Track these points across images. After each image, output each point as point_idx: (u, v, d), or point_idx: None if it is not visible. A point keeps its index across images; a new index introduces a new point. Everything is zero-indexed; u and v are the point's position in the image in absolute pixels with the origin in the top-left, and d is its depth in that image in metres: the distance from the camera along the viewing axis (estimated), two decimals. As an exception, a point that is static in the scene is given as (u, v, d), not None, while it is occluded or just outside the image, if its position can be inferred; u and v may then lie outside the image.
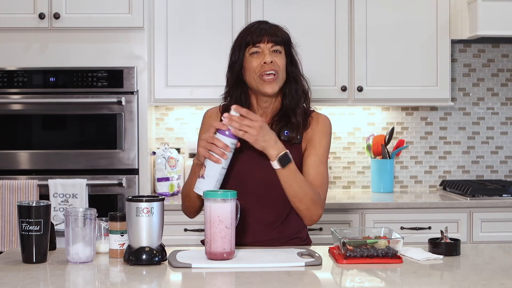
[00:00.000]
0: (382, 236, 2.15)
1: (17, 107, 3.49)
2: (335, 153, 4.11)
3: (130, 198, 2.03)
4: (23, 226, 2.02)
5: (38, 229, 2.02)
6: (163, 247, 2.06)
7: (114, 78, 3.48)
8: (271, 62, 2.31)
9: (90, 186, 3.44)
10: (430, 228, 3.53)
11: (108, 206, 3.43)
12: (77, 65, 3.49)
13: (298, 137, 2.37)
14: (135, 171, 3.50)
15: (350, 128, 4.12)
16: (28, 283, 1.83)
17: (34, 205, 2.03)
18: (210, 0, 3.74)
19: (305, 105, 2.42)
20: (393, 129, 3.99)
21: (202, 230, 3.37)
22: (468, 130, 4.18)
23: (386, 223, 3.40)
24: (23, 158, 3.48)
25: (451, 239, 2.17)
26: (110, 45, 3.51)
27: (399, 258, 2.06)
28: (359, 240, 2.08)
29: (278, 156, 2.19)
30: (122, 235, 2.10)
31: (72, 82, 3.48)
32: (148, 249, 2.01)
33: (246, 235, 2.34)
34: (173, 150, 3.86)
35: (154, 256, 2.01)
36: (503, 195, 3.64)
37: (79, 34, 3.50)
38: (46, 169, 3.47)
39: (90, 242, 2.04)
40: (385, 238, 2.10)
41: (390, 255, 2.05)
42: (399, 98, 3.85)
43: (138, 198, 2.02)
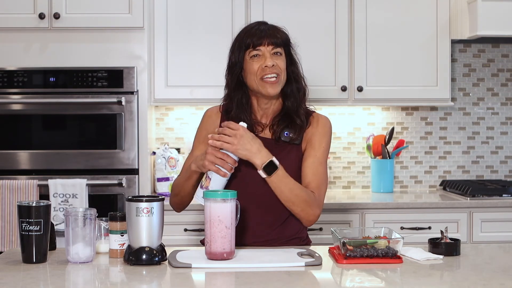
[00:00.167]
0: (382, 236, 2.15)
1: (17, 107, 3.49)
2: (335, 153, 4.11)
3: (130, 198, 2.04)
4: (23, 226, 2.02)
5: (38, 229, 2.02)
6: (163, 247, 2.06)
7: (114, 78, 3.48)
8: (273, 65, 2.32)
9: (90, 186, 3.44)
10: (430, 228, 3.53)
11: (108, 206, 3.43)
12: (77, 65, 3.49)
13: (299, 137, 2.37)
14: (135, 171, 3.49)
15: (350, 128, 4.12)
16: (28, 283, 1.83)
17: (34, 205, 2.03)
18: (210, 0, 3.75)
19: (303, 104, 2.43)
20: (393, 129, 3.99)
21: (202, 230, 3.37)
22: (468, 130, 4.18)
23: (386, 223, 3.39)
24: (23, 158, 3.48)
25: (451, 239, 2.17)
26: (110, 45, 3.50)
27: (399, 258, 2.06)
28: (359, 240, 2.08)
29: (262, 165, 2.20)
30: (122, 235, 2.10)
31: (72, 82, 3.48)
32: (148, 249, 2.01)
33: (246, 235, 2.34)
34: (173, 150, 3.86)
35: (154, 256, 2.01)
36: (503, 195, 3.64)
37: (79, 34, 3.50)
38: (46, 169, 3.47)
39: (90, 242, 2.04)
40: (385, 238, 2.10)
41: (390, 255, 2.05)
42: (399, 98, 3.85)
43: (138, 198, 2.03)
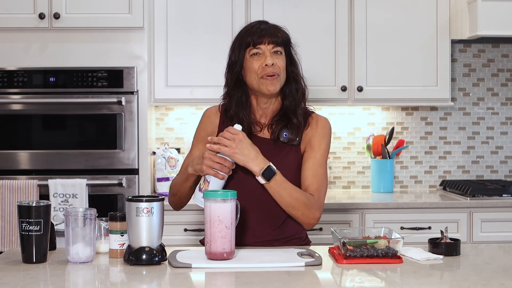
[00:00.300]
0: (382, 236, 2.15)
1: (17, 107, 3.49)
2: (335, 153, 4.11)
3: (130, 198, 2.04)
4: (23, 226, 2.02)
5: (38, 229, 2.02)
6: (163, 247, 2.06)
7: (114, 78, 3.48)
8: (272, 64, 2.32)
9: (90, 186, 3.44)
10: (430, 228, 3.53)
11: (108, 206, 3.43)
12: (77, 65, 3.49)
13: (297, 138, 2.37)
14: (135, 171, 3.49)
15: (350, 128, 4.12)
16: (28, 283, 1.83)
17: (34, 205, 2.03)
18: (210, 0, 3.75)
19: (302, 104, 2.42)
20: (393, 129, 3.99)
21: (202, 230, 3.37)
22: (468, 130, 4.18)
23: (386, 223, 3.39)
24: (23, 158, 3.48)
25: (451, 239, 2.17)
26: (110, 45, 3.50)
27: (399, 258, 2.06)
28: (359, 240, 2.08)
29: (261, 171, 2.21)
30: (122, 235, 2.10)
31: (72, 82, 3.48)
32: (148, 249, 2.01)
33: (246, 235, 2.34)
34: (173, 150, 3.86)
35: (154, 256, 2.01)
36: (503, 195, 3.64)
37: (79, 34, 3.50)
38: (46, 169, 3.47)
39: (90, 242, 2.04)
40: (385, 238, 2.10)
41: (390, 255, 2.05)
42: (399, 98, 3.85)
43: (138, 198, 2.03)
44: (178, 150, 3.94)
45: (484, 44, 4.14)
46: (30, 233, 2.01)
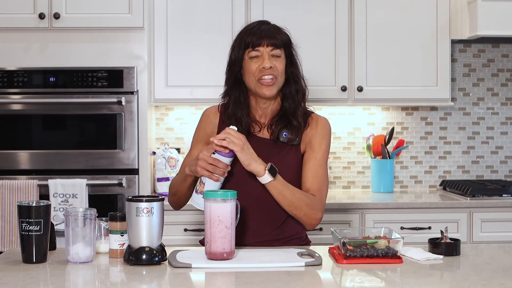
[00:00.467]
0: (382, 236, 2.15)
1: (17, 107, 3.49)
2: (335, 153, 4.11)
3: (130, 198, 2.04)
4: (23, 226, 2.02)
5: (38, 229, 2.02)
6: (163, 247, 2.06)
7: (114, 78, 3.48)
8: (270, 67, 2.32)
9: (90, 186, 3.44)
10: (430, 228, 3.53)
11: (108, 206, 3.42)
12: (77, 65, 3.49)
13: (297, 138, 2.37)
14: (135, 171, 3.49)
15: (350, 128, 4.12)
16: (28, 283, 1.83)
17: (34, 205, 2.03)
18: (210, 0, 3.75)
19: (302, 105, 2.42)
20: (393, 129, 3.99)
21: (202, 230, 3.37)
22: (468, 130, 4.18)
23: (386, 223, 3.39)
24: (23, 158, 3.48)
25: (451, 239, 2.17)
26: (110, 45, 3.50)
27: (399, 258, 2.06)
28: (359, 240, 2.08)
29: (266, 168, 2.21)
30: (122, 235, 2.10)
31: (72, 82, 3.48)
32: (148, 249, 2.01)
33: (246, 235, 2.34)
34: (173, 150, 3.86)
35: (154, 256, 2.01)
36: (503, 195, 3.64)
37: (79, 34, 3.50)
38: (46, 169, 3.47)
39: (90, 242, 2.04)
40: (385, 238, 2.10)
41: (390, 255, 2.05)
42: (399, 98, 3.85)
43: (138, 198, 2.03)
44: (178, 150, 3.94)
45: (484, 44, 4.14)
46: (30, 233, 2.01)
